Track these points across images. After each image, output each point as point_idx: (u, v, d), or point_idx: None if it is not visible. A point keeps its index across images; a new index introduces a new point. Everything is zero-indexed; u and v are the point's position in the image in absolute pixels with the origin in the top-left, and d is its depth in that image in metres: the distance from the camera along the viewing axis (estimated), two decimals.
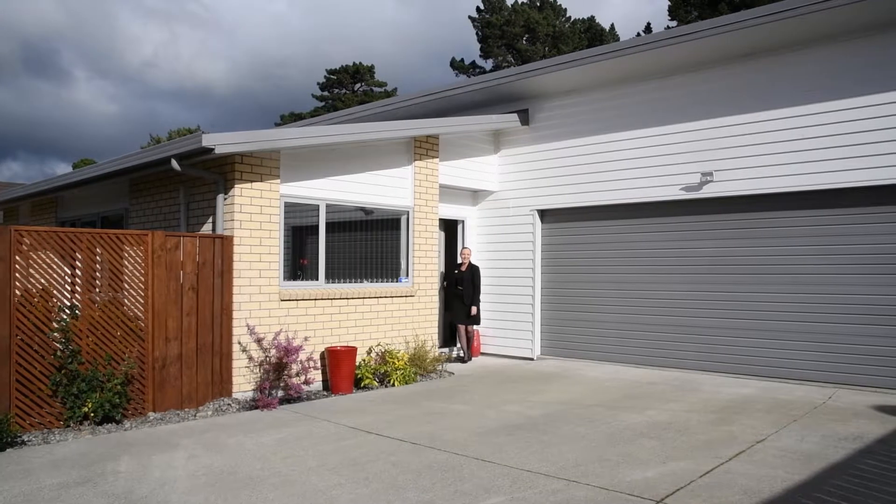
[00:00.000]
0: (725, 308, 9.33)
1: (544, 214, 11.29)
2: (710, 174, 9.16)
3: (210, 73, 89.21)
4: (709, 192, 9.29)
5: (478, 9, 42.96)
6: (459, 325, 10.99)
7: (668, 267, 9.89)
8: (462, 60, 44.06)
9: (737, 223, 9.26)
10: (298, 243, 9.00)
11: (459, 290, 10.84)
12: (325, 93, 48.51)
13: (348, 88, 48.39)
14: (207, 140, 7.30)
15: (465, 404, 7.81)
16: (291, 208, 8.77)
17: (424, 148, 10.27)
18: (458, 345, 11.17)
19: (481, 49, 43.08)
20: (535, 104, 11.19)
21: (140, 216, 9.87)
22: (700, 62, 9.35)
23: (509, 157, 11.57)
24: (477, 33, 43.33)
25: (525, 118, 11.17)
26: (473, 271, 10.89)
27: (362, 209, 9.63)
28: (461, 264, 10.99)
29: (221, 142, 7.41)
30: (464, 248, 11.21)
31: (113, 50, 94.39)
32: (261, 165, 8.30)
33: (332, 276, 9.23)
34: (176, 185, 9.01)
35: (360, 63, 48.46)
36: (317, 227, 9.01)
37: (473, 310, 10.76)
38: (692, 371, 9.56)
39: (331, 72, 48.39)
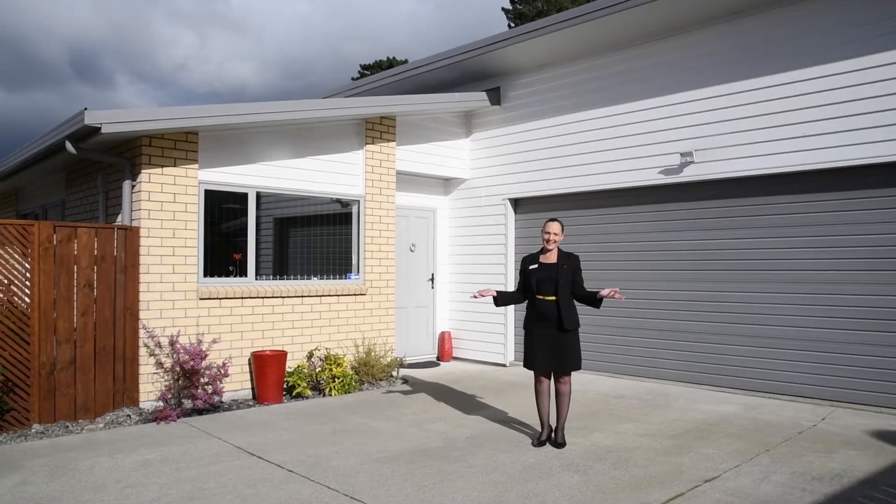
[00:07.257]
0: (709, 310, 8.03)
1: (517, 204, 10.11)
2: (690, 154, 7.85)
3: (242, 74, 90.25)
4: (689, 175, 7.98)
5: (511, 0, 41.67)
6: (560, 378, 5.81)
7: (646, 262, 8.63)
8: None
9: (721, 211, 7.94)
10: (226, 236, 8.10)
11: (550, 302, 5.78)
12: None
13: None
14: (91, 118, 6.44)
15: (390, 420, 6.78)
16: (215, 197, 7.88)
17: (378, 130, 9.24)
18: (545, 417, 5.90)
19: None
20: (506, 81, 10.03)
21: (73, 207, 9.16)
22: (682, 24, 8.05)
23: (481, 142, 10.43)
24: (509, 25, 42.05)
25: (496, 97, 10.02)
26: (570, 262, 5.90)
27: (305, 197, 8.67)
28: (544, 252, 5.96)
29: (108, 119, 6.54)
30: (549, 220, 5.95)
31: (150, 54, 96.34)
32: (174, 149, 7.44)
33: (267, 271, 8.31)
34: (97, 173, 8.25)
35: (394, 58, 47.58)
36: (247, 217, 8.10)
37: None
38: (671, 383, 8.29)
39: (365, 66, 47.73)
